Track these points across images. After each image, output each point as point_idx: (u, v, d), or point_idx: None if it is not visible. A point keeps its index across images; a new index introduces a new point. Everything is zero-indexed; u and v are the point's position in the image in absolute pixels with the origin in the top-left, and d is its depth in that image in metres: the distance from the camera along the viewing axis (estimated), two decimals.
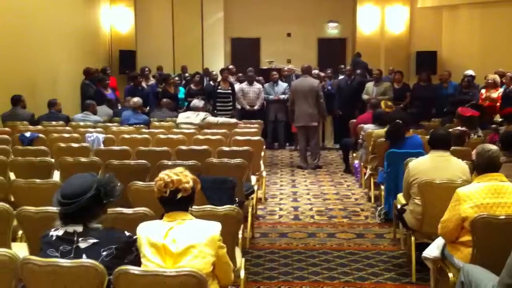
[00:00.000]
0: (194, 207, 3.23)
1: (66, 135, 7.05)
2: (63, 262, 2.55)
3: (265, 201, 7.23)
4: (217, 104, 10.67)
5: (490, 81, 9.40)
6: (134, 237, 2.75)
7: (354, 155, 8.81)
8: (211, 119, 8.08)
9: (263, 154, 7.52)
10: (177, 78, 11.92)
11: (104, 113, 9.04)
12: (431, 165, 4.64)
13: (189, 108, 8.84)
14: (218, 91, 10.72)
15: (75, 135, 7.04)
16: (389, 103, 9.59)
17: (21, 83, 9.32)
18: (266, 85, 11.25)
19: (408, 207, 4.72)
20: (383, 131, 6.80)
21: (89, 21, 13.80)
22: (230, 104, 10.72)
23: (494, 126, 7.31)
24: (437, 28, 14.96)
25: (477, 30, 13.71)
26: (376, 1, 15.33)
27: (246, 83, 11.07)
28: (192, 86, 11.27)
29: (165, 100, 9.73)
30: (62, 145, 6.28)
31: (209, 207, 3.57)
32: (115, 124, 8.32)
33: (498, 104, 9.00)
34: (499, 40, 12.89)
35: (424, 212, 4.42)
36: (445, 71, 11.90)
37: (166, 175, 2.78)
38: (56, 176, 5.36)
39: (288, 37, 16.49)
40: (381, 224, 6.18)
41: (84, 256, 2.61)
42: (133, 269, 2.51)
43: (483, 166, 3.72)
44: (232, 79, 11.63)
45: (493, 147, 3.78)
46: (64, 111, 8.89)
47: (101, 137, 6.93)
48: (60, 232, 2.69)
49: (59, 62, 11.35)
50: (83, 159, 5.38)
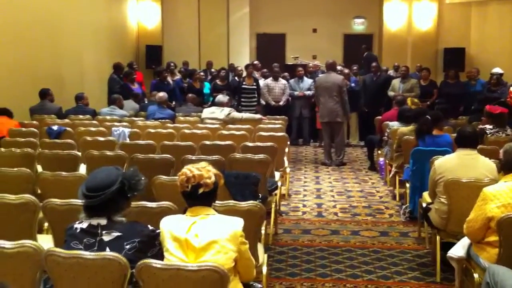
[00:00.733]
0: (217, 202, 3.24)
1: (93, 128, 7.13)
2: (87, 254, 2.58)
3: (288, 197, 7.22)
4: (242, 99, 10.68)
5: None
6: (157, 231, 2.77)
7: (379, 152, 8.73)
8: (236, 114, 8.10)
9: (287, 150, 7.50)
10: (202, 73, 11.96)
11: (130, 107, 9.13)
12: (457, 164, 4.56)
13: (213, 104, 8.87)
14: (243, 86, 10.74)
15: (101, 129, 7.12)
16: (415, 100, 9.46)
17: (49, 77, 9.46)
18: (291, 81, 11.23)
19: (434, 205, 4.66)
20: (408, 128, 6.73)
21: (117, 16, 13.92)
22: (255, 99, 10.72)
23: None
24: (466, 24, 14.71)
25: (506, 27, 13.44)
26: None
27: (271, 78, 11.05)
28: (218, 81, 11.30)
29: (190, 95, 9.78)
30: (89, 138, 6.35)
31: (232, 202, 3.57)
32: (140, 118, 8.38)
33: None
34: None
35: (449, 211, 4.36)
36: (473, 68, 11.72)
37: (189, 170, 2.78)
38: (82, 169, 5.43)
39: (314, 32, 16.41)
40: (405, 222, 6.12)
41: (107, 249, 2.63)
42: (155, 262, 2.53)
43: (510, 165, 3.65)
44: (257, 74, 11.63)
45: None
46: (91, 105, 9.00)
47: (127, 131, 6.99)
48: (85, 225, 2.71)
49: (87, 56, 11.49)
50: (108, 153, 5.43)
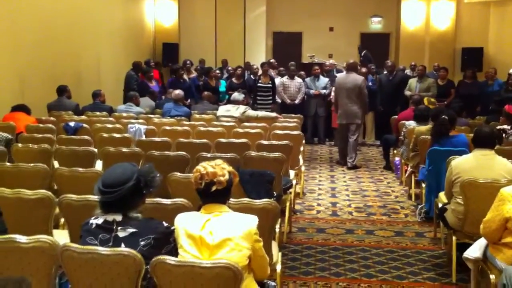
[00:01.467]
0: (232, 199, 3.24)
1: (109, 125, 7.17)
2: (102, 250, 2.60)
3: (303, 195, 7.21)
4: (257, 98, 10.69)
5: None
6: (172, 228, 2.78)
7: (395, 152, 8.68)
8: (251, 112, 8.10)
9: (302, 148, 7.49)
10: (218, 72, 11.98)
11: (147, 104, 9.17)
12: (474, 164, 4.51)
13: (229, 101, 8.88)
14: (259, 85, 10.74)
15: (117, 125, 7.16)
16: (432, 99, 9.40)
17: (67, 73, 9.55)
18: (307, 79, 11.21)
19: (450, 206, 4.61)
20: (425, 128, 6.68)
21: (134, 14, 14.01)
22: (270, 98, 10.72)
23: None
24: (484, 23, 14.55)
25: None
26: None
27: (287, 77, 11.04)
28: (234, 79, 11.31)
29: (206, 93, 9.80)
30: (105, 135, 6.40)
31: (246, 200, 3.57)
32: (156, 115, 8.42)
33: None
34: None
35: (466, 211, 4.32)
36: (491, 68, 11.59)
37: (203, 167, 2.79)
38: (98, 165, 5.47)
39: (331, 31, 16.34)
40: (421, 222, 6.08)
41: (122, 245, 2.64)
42: (170, 259, 2.54)
43: None
44: (273, 73, 11.62)
45: None
46: (107, 102, 9.07)
47: (142, 128, 7.02)
48: (100, 221, 2.73)
49: (104, 54, 11.58)
50: (124, 150, 5.47)
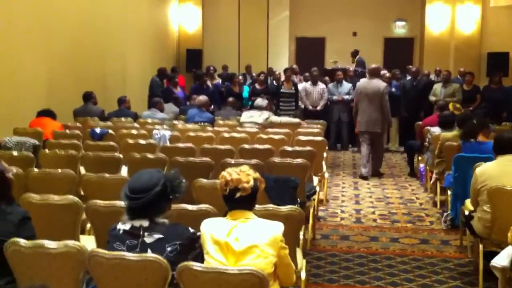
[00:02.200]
0: (256, 206, 3.25)
1: (134, 131, 7.24)
2: (129, 256, 2.62)
3: (326, 202, 7.17)
4: (280, 104, 10.68)
5: None
6: (198, 233, 2.79)
7: (420, 158, 8.59)
8: (274, 118, 8.10)
9: (325, 155, 7.46)
10: (241, 77, 12.03)
11: (171, 110, 9.24)
12: (499, 171, 4.44)
13: (252, 107, 8.90)
14: (281, 91, 10.73)
15: (142, 131, 7.22)
16: (457, 105, 9.30)
17: (93, 79, 9.70)
18: (330, 85, 11.17)
19: (476, 214, 4.55)
20: (451, 134, 6.61)
21: (159, 20, 14.16)
22: (293, 104, 10.69)
23: None
24: (510, 28, 14.33)
25: None
26: (446, 0, 14.87)
27: (309, 82, 11.02)
28: (257, 85, 11.34)
29: (231, 99, 9.85)
30: (130, 141, 6.46)
31: (271, 206, 3.57)
32: (181, 122, 8.48)
33: None
34: None
35: (493, 219, 4.25)
36: None
37: (228, 173, 2.80)
38: (123, 171, 5.52)
39: (354, 36, 16.30)
40: (447, 230, 6.00)
41: (149, 251, 2.67)
42: (196, 265, 2.55)
43: None
44: (296, 79, 11.61)
45: None
46: (133, 108, 9.17)
47: (167, 134, 7.07)
48: (127, 226, 2.76)
49: (130, 60, 11.72)
50: (149, 156, 5.51)
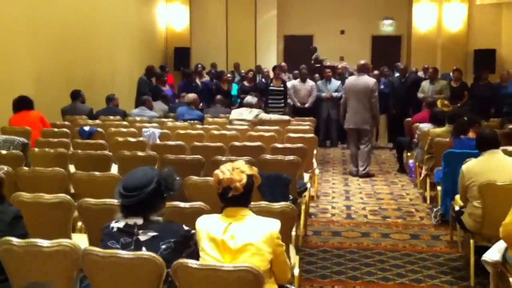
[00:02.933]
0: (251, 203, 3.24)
1: (123, 129, 7.21)
2: (124, 253, 2.61)
3: (317, 199, 7.19)
4: (269, 101, 10.68)
5: None
6: (192, 231, 2.78)
7: (409, 154, 8.63)
8: (264, 116, 8.11)
9: (315, 152, 7.47)
10: (229, 75, 12.01)
11: (160, 108, 9.21)
12: (486, 167, 4.49)
13: (242, 105, 8.89)
14: (270, 88, 10.73)
15: (132, 129, 7.19)
16: (445, 102, 9.37)
17: (80, 78, 9.61)
18: (319, 82, 11.21)
19: (467, 209, 4.59)
20: (440, 130, 6.65)
21: (146, 18, 14.09)
22: (282, 101, 10.70)
23: None
24: (496, 25, 14.44)
25: None
26: None
27: (298, 80, 11.04)
28: (245, 83, 11.33)
29: (219, 97, 9.83)
30: (120, 139, 6.43)
31: (264, 203, 3.56)
32: (170, 119, 8.45)
33: None
34: None
35: (484, 214, 4.29)
36: (504, 70, 11.52)
37: (221, 172, 2.78)
38: (113, 169, 5.49)
39: (342, 34, 16.34)
40: (437, 225, 6.04)
41: (143, 249, 2.65)
42: (191, 262, 2.54)
43: None
44: (285, 76, 11.62)
45: None
46: (121, 106, 9.12)
47: (157, 132, 7.05)
48: (121, 224, 2.74)
49: (118, 58, 11.65)
50: (140, 153, 5.49)
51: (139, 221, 2.71)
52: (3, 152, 5.37)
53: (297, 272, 3.75)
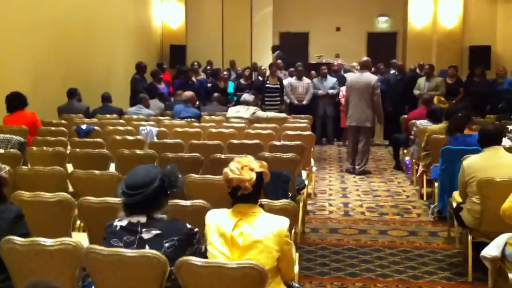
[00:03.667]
0: None
1: (121, 128, 7.20)
2: (127, 252, 2.61)
3: (314, 196, 7.21)
4: (266, 99, 10.66)
5: None
6: (195, 229, 2.78)
7: (405, 151, 8.66)
8: (261, 113, 8.10)
9: (312, 149, 7.49)
10: (225, 73, 12.01)
11: (156, 106, 9.19)
12: (486, 163, 4.51)
13: (239, 102, 8.89)
14: (267, 85, 10.72)
15: (129, 128, 7.17)
16: (442, 98, 9.41)
17: (76, 77, 9.59)
18: (315, 79, 11.22)
19: (465, 205, 4.61)
20: (437, 127, 6.68)
21: (142, 16, 14.06)
22: (278, 99, 10.68)
23: None
24: (491, 21, 14.50)
25: None
26: None
27: (295, 78, 11.05)
28: (242, 80, 11.33)
29: (216, 94, 9.83)
30: (118, 137, 6.41)
31: (265, 201, 3.55)
32: (167, 117, 8.44)
33: None
34: None
35: (483, 210, 4.32)
36: (500, 66, 11.57)
37: (230, 171, 2.77)
38: (111, 168, 5.48)
39: (337, 31, 16.35)
40: (434, 222, 6.07)
41: (147, 247, 2.65)
42: (195, 260, 2.54)
43: None
44: (281, 74, 11.62)
45: None
46: (117, 105, 9.09)
47: (154, 130, 7.04)
48: (124, 223, 2.74)
49: (113, 56, 11.63)
50: (139, 152, 5.49)
51: (143, 219, 2.71)
52: (1, 151, 5.35)
53: (297, 269, 3.75)
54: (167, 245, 2.66)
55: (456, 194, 5.09)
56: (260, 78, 11.69)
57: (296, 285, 3.03)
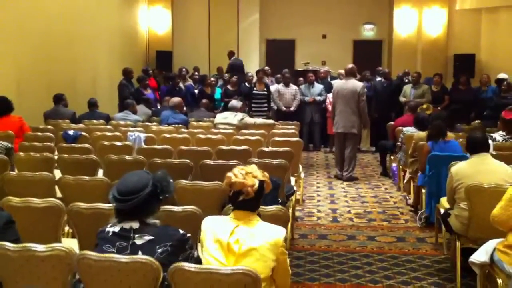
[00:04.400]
0: None
1: (108, 133, 7.16)
2: (120, 257, 2.59)
3: (302, 202, 7.23)
4: (253, 105, 10.70)
5: None
6: (188, 235, 2.78)
7: (392, 158, 8.72)
8: (249, 120, 8.11)
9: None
10: (213, 79, 12.01)
11: (142, 112, 9.15)
12: (474, 170, 4.56)
13: (226, 109, 8.89)
14: (254, 92, 10.75)
15: (116, 133, 7.14)
16: (425, 106, 9.49)
17: (62, 82, 9.53)
18: (302, 86, 11.27)
19: (453, 211, 4.65)
20: (424, 134, 6.73)
21: (128, 22, 14.01)
22: (265, 105, 10.73)
23: None
24: (476, 30, 14.66)
25: None
26: (413, 3, 15.10)
27: (282, 84, 11.09)
28: (229, 86, 11.34)
29: (204, 100, 9.82)
30: (106, 143, 6.37)
31: None
32: (154, 123, 8.41)
33: None
34: None
35: (471, 216, 4.35)
36: (484, 74, 11.71)
37: (234, 175, 2.79)
38: (99, 174, 5.45)
39: (324, 38, 16.42)
40: (422, 228, 6.11)
41: (139, 253, 2.64)
42: (189, 266, 2.54)
43: None
44: (268, 80, 11.65)
45: None
46: (103, 110, 9.04)
47: (142, 136, 7.01)
48: (117, 228, 2.72)
49: (100, 62, 11.58)
50: (127, 157, 5.45)
51: (135, 225, 2.70)
52: None
53: None
54: (160, 250, 2.65)
55: (443, 200, 5.14)
56: (247, 84, 11.70)
57: None
